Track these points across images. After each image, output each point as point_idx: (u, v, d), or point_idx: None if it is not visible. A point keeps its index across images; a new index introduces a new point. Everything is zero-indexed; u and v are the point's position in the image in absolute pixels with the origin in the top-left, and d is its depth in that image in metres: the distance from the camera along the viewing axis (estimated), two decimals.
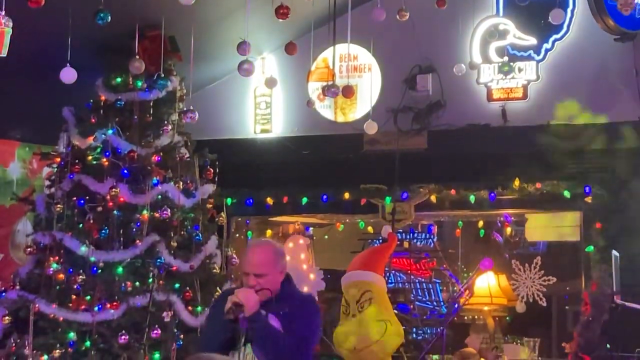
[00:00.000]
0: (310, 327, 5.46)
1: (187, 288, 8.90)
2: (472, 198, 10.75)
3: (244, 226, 12.23)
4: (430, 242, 13.73)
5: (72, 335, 8.48)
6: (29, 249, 9.08)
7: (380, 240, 11.40)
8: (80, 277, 8.60)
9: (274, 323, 5.34)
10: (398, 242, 11.05)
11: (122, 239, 8.79)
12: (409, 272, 12.88)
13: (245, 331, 5.29)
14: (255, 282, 5.41)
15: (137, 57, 7.92)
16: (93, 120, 9.19)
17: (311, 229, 13.21)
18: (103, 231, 8.77)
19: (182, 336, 8.68)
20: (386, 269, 10.52)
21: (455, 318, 11.41)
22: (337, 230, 12.78)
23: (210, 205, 9.70)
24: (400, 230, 11.88)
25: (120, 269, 8.71)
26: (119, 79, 9.28)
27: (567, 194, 10.47)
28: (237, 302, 5.27)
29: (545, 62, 10.75)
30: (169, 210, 8.96)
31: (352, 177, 11.10)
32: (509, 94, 10.84)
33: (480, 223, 12.35)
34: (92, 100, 9.36)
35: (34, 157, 10.73)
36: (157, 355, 8.48)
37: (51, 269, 8.66)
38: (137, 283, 8.69)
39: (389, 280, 11.72)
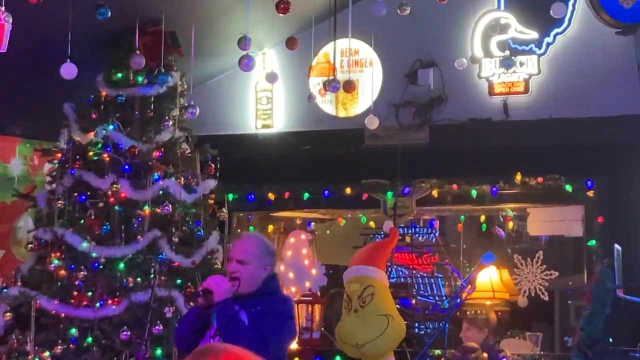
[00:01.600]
0: (274, 328, 5.38)
1: (189, 284, 8.89)
2: (473, 192, 10.74)
3: (245, 222, 12.22)
4: (432, 237, 13.70)
5: (73, 331, 8.48)
6: (30, 245, 9.08)
7: (382, 235, 11.39)
8: (82, 273, 8.60)
9: (243, 318, 5.30)
10: (400, 237, 11.06)
11: (123, 234, 8.79)
12: (411, 266, 12.85)
13: (213, 320, 5.28)
14: (235, 268, 5.41)
15: (138, 52, 7.91)
16: (94, 115, 9.19)
17: (313, 224, 13.20)
18: (104, 227, 8.76)
19: None
20: (388, 263, 10.54)
21: (458, 313, 11.41)
22: (339, 225, 12.77)
23: (212, 201, 9.70)
24: (402, 225, 11.85)
25: (121, 265, 8.70)
26: (119, 75, 9.27)
27: (569, 188, 10.46)
28: (207, 287, 5.27)
29: (546, 56, 10.74)
30: (170, 205, 8.96)
31: (353, 172, 11.09)
32: (511, 88, 10.82)
33: (482, 217, 12.34)
34: (92, 96, 9.35)
35: (35, 153, 10.72)
36: (159, 351, 8.48)
37: (52, 265, 8.65)
38: (139, 279, 8.69)
39: (391, 275, 11.71)
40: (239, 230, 11.95)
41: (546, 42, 10.71)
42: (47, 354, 8.41)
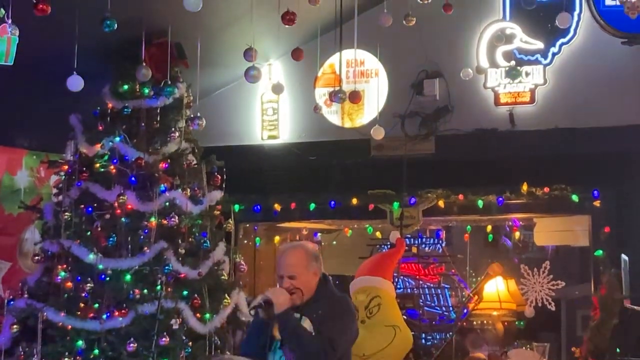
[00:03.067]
0: (337, 328, 5.50)
1: (196, 295, 8.88)
2: (480, 203, 10.74)
3: (252, 232, 12.23)
4: (438, 247, 13.71)
5: (80, 343, 8.46)
6: (36, 257, 9.07)
7: (389, 246, 11.40)
8: (88, 285, 8.59)
9: (306, 325, 5.39)
10: (406, 248, 11.08)
11: (130, 246, 8.77)
12: (418, 277, 12.87)
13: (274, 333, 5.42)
14: (289, 284, 5.48)
15: (144, 64, 7.92)
16: (100, 127, 9.19)
17: (319, 234, 13.21)
18: (111, 239, 8.75)
19: (190, 343, 8.66)
20: (395, 274, 10.53)
21: (465, 323, 11.41)
22: (346, 235, 12.79)
23: (218, 212, 9.69)
24: (409, 236, 11.87)
25: (128, 277, 8.69)
26: (125, 86, 9.27)
27: (575, 198, 10.45)
28: (267, 299, 5.34)
29: (552, 66, 10.73)
30: (176, 217, 8.95)
31: (359, 182, 11.09)
32: (517, 98, 10.81)
33: (489, 228, 12.33)
34: (99, 108, 9.35)
35: (42, 165, 10.72)
36: None
37: (59, 277, 8.64)
38: (145, 290, 8.67)
39: (398, 286, 11.71)
40: (245, 241, 11.96)
41: (552, 52, 10.71)
42: None
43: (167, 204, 9.02)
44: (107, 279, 8.66)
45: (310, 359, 5.35)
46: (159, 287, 8.64)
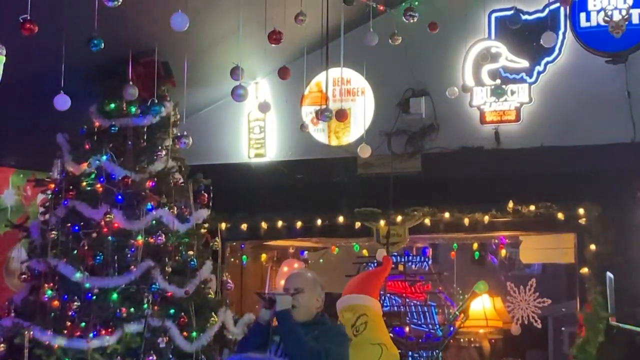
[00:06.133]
0: (332, 343, 5.67)
1: (182, 313, 8.88)
2: (466, 220, 10.76)
3: (238, 251, 12.23)
4: (425, 265, 13.73)
5: None
6: (23, 276, 9.06)
7: (375, 264, 11.41)
8: (75, 303, 8.58)
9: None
10: (393, 266, 11.09)
11: (116, 264, 8.78)
12: (404, 295, 12.87)
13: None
14: (293, 298, 5.76)
15: (131, 83, 7.94)
16: (87, 146, 9.20)
17: (306, 252, 13.22)
18: (98, 257, 8.75)
19: None
20: (381, 292, 10.54)
21: (451, 341, 11.42)
22: (332, 253, 12.79)
23: (205, 230, 9.70)
24: (395, 254, 11.88)
25: (115, 295, 8.69)
26: (112, 105, 9.29)
27: (561, 215, 10.48)
28: (272, 297, 5.72)
29: (537, 85, 10.78)
30: (163, 235, 8.96)
31: (346, 200, 11.10)
32: (502, 116, 10.86)
33: (475, 245, 12.36)
34: (86, 126, 9.38)
35: (28, 183, 10.71)
36: None
37: (46, 295, 8.63)
38: (132, 309, 8.67)
39: (384, 304, 11.72)
40: (232, 260, 11.95)
41: (537, 70, 10.77)
42: None
43: (154, 222, 9.03)
44: (94, 297, 8.65)
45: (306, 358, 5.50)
46: (145, 306, 8.64)
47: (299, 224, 11.26)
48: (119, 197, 8.93)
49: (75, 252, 8.84)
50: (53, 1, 7.53)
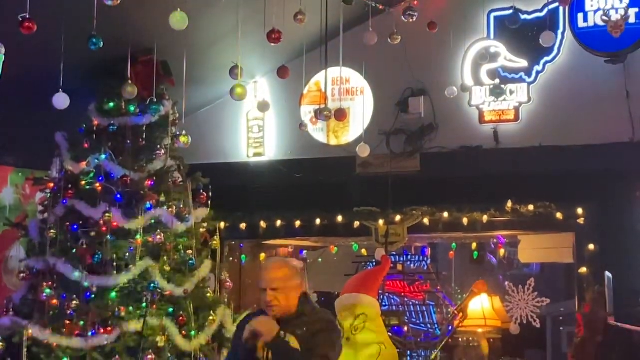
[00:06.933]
0: (327, 344, 5.54)
1: (181, 312, 8.89)
2: (465, 220, 10.75)
3: (237, 250, 12.22)
4: (423, 265, 13.75)
5: None
6: (22, 275, 9.07)
7: (374, 263, 11.42)
8: (74, 302, 8.58)
9: (292, 344, 5.42)
10: (392, 265, 11.10)
11: (115, 263, 8.78)
12: (403, 294, 12.89)
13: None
14: (272, 297, 5.51)
15: (130, 81, 7.94)
16: (86, 145, 9.20)
17: (305, 252, 13.21)
18: (96, 256, 8.76)
19: None
20: (380, 291, 10.56)
21: (450, 340, 11.41)
22: (331, 253, 12.79)
23: (204, 229, 9.70)
24: (394, 253, 11.89)
25: (113, 294, 8.70)
26: (111, 104, 9.29)
27: (559, 215, 10.47)
28: (255, 332, 5.44)
29: (536, 84, 10.78)
30: (162, 234, 8.96)
31: (345, 200, 11.10)
32: (501, 116, 10.86)
33: (474, 245, 12.35)
34: (85, 125, 9.38)
35: (27, 182, 10.72)
36: None
37: (44, 294, 8.64)
38: (131, 308, 8.68)
39: (383, 303, 11.74)
40: (231, 259, 11.95)
41: (536, 70, 10.76)
42: None
43: (153, 221, 9.03)
44: (93, 296, 8.66)
45: None
46: (144, 305, 8.65)
47: (297, 223, 11.25)
48: (118, 196, 8.93)
49: (74, 250, 8.85)
50: (52, 0, 7.53)
